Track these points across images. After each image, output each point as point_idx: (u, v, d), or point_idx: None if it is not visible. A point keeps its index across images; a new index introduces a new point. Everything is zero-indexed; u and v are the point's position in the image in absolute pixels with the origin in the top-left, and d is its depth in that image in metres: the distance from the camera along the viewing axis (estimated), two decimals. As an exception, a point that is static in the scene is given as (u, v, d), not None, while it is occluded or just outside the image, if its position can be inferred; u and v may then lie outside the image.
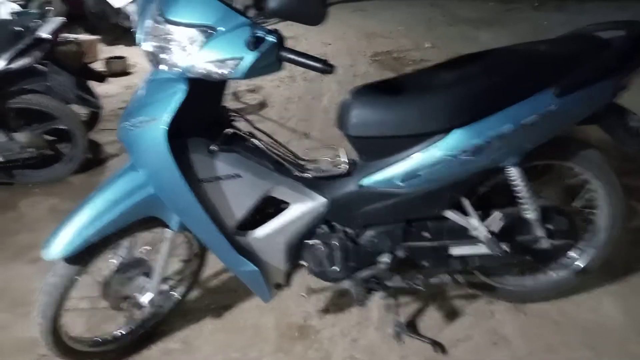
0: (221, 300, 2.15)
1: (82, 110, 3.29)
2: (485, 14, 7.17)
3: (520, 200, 1.67)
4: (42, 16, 3.08)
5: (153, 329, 1.96)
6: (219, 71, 1.35)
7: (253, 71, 1.36)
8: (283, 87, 4.75)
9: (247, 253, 1.66)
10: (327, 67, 1.36)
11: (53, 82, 2.76)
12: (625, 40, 1.56)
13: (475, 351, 1.85)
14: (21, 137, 2.83)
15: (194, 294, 2.15)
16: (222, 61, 1.34)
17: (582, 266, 1.92)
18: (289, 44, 1.39)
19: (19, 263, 2.42)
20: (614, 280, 2.11)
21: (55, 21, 3.08)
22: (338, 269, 1.71)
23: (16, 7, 5.31)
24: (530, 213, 1.68)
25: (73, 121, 2.97)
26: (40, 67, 2.77)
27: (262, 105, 4.33)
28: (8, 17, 4.91)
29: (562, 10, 7.00)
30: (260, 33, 1.34)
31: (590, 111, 1.59)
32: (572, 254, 1.94)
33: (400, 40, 6.19)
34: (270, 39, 1.35)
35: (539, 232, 1.72)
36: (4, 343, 1.97)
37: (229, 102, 4.21)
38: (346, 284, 1.75)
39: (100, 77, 3.53)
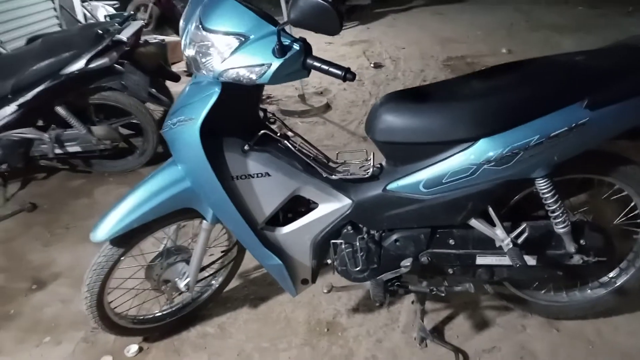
0: (260, 292, 2.26)
1: (157, 108, 3.56)
2: (572, 20, 6.85)
3: (550, 213, 1.64)
4: (125, 20, 3.37)
5: (194, 313, 2.11)
6: (248, 76, 1.45)
7: (279, 77, 1.45)
8: (350, 91, 4.83)
9: (275, 248, 1.76)
10: (348, 75, 1.42)
11: (128, 81, 3.01)
12: (671, 52, 1.49)
13: (499, 364, 1.83)
14: (99, 130, 3.12)
15: (236, 283, 2.29)
16: (251, 67, 1.45)
17: (620, 286, 1.84)
18: (363, 47, 1.46)
19: (89, 245, 2.65)
20: (662, 304, 2.00)
21: (135, 25, 3.36)
22: (361, 270, 1.76)
23: (111, 10, 5.82)
24: (560, 227, 1.64)
25: (145, 117, 3.22)
26: (117, 66, 3.04)
27: (327, 107, 4.44)
28: (103, 19, 5.38)
29: (657, 16, 6.54)
30: (286, 41, 1.43)
31: (628, 126, 1.53)
32: (611, 272, 1.87)
33: (477, 46, 6.07)
34: (296, 47, 1.43)
35: (570, 247, 1.68)
36: (65, 314, 2.22)
37: (295, 104, 4.39)
38: (368, 284, 1.80)
39: (176, 77, 3.78)
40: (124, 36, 3.14)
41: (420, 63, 5.56)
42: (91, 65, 2.87)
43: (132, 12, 3.85)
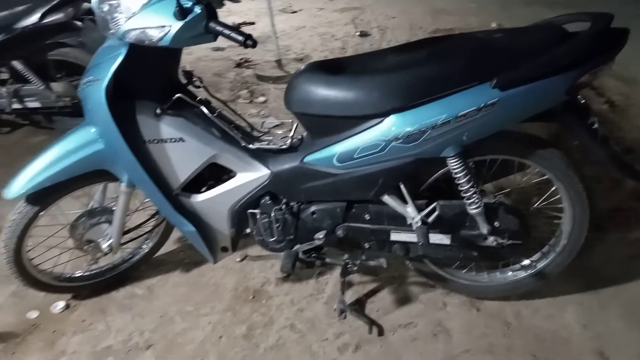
0: (195, 256, 2.26)
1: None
2: (569, -5, 6.65)
3: (462, 193, 1.62)
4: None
5: (124, 274, 2.14)
6: (150, 36, 1.43)
7: (180, 40, 1.43)
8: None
9: (192, 214, 1.76)
10: (248, 42, 1.40)
11: (85, 38, 2.97)
12: (587, 34, 1.43)
13: (411, 339, 1.84)
14: (58, 86, 3.09)
15: (173, 247, 2.30)
16: (153, 28, 1.42)
17: (541, 270, 1.83)
18: (353, 14, 1.39)
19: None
20: (586, 289, 1.98)
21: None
22: (277, 240, 1.77)
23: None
24: (473, 207, 1.62)
25: (106, 76, 3.18)
26: (76, 23, 2.99)
27: (304, 74, 4.37)
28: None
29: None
30: (187, 4, 1.40)
31: (540, 108, 1.49)
32: (534, 256, 1.86)
33: (468, 18, 5.91)
34: (197, 10, 1.40)
35: (483, 228, 1.66)
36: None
37: (271, 70, 4.33)
38: (284, 255, 1.80)
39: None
40: (80, -9, 3.08)
41: (408, 33, 5.44)
42: (45, 21, 2.82)
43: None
